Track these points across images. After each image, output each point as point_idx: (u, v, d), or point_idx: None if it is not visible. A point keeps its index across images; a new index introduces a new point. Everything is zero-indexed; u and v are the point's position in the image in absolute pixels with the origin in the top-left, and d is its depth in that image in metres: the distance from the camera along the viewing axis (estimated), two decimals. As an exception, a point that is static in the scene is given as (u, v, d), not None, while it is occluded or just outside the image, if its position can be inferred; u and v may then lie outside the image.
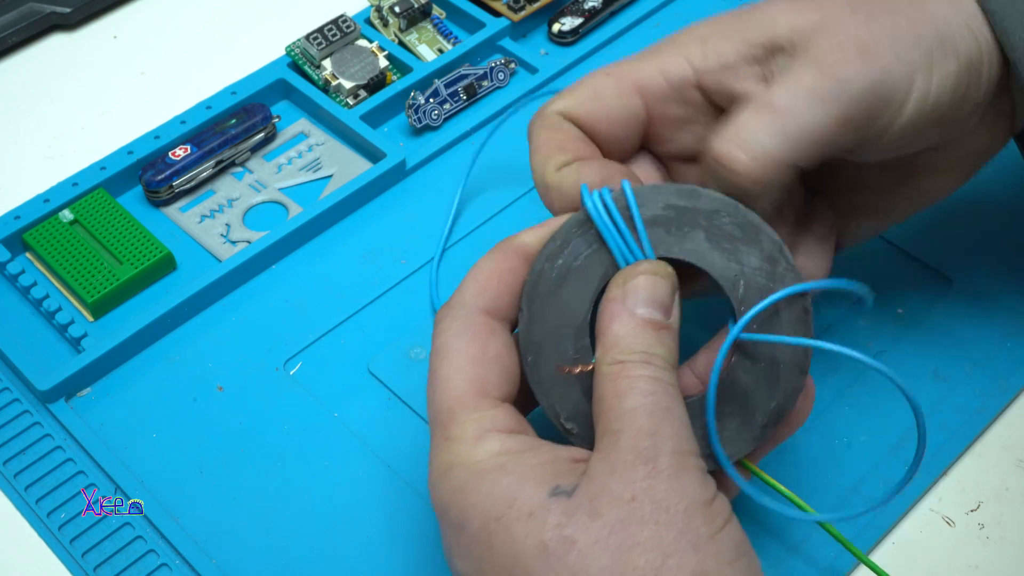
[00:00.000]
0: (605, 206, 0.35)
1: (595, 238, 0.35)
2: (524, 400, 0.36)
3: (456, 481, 0.33)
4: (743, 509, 0.35)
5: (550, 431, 0.35)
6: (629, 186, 0.35)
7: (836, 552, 0.40)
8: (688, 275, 0.36)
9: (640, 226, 0.35)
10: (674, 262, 0.35)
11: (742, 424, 0.35)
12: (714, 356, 0.35)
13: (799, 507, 0.37)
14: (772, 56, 0.36)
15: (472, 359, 0.34)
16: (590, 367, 0.35)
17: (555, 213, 0.37)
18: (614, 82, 0.38)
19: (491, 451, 0.33)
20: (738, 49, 0.37)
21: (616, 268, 0.35)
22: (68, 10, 0.60)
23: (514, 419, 0.34)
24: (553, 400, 0.35)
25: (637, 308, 0.34)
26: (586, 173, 0.36)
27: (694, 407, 0.35)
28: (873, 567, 0.39)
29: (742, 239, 0.35)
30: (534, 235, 0.36)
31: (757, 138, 0.35)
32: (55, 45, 0.61)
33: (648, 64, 0.38)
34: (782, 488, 0.37)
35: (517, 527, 0.31)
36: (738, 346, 0.35)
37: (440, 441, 0.34)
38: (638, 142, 0.39)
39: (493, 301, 0.35)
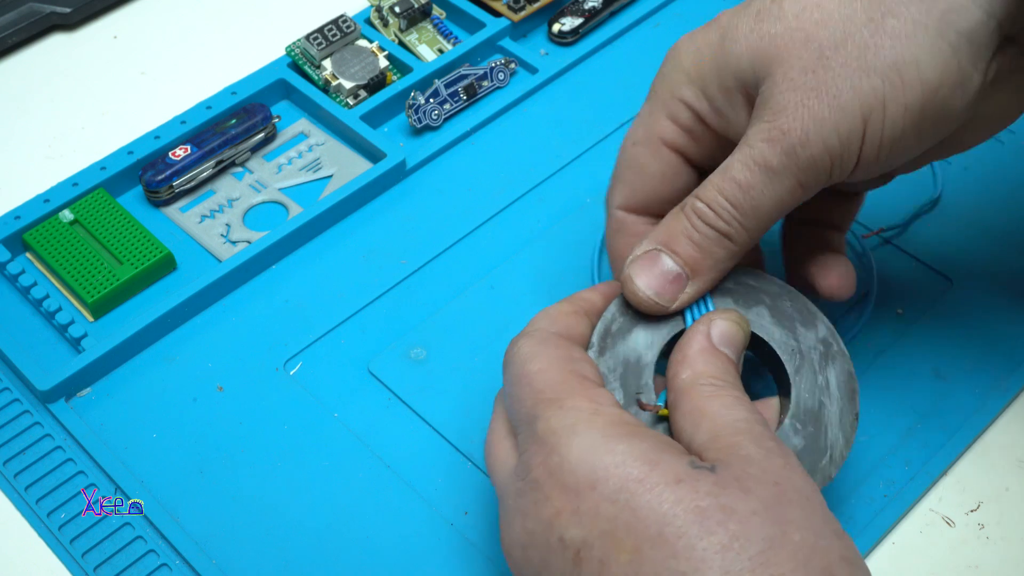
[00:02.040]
0: None
1: None
2: None
3: (585, 440, 0.32)
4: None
5: None
6: None
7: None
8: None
9: (709, 299, 0.38)
10: None
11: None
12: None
13: None
14: (748, 97, 0.37)
15: (563, 358, 0.35)
16: (656, 408, 0.36)
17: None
18: (648, 151, 0.40)
19: (614, 418, 0.33)
20: (721, 93, 0.38)
21: (684, 324, 0.38)
22: (68, 10, 0.60)
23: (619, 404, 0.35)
24: None
25: (718, 342, 0.36)
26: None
27: None
28: None
29: (800, 321, 0.39)
30: (593, 293, 0.39)
31: (727, 211, 0.37)
32: (55, 45, 0.61)
33: (661, 119, 0.39)
34: None
35: (665, 490, 0.31)
36: (794, 410, 0.38)
37: (553, 411, 0.33)
38: (694, 177, 0.40)
39: (565, 331, 0.37)
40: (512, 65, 0.56)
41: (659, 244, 0.38)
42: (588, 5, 0.59)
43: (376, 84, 0.55)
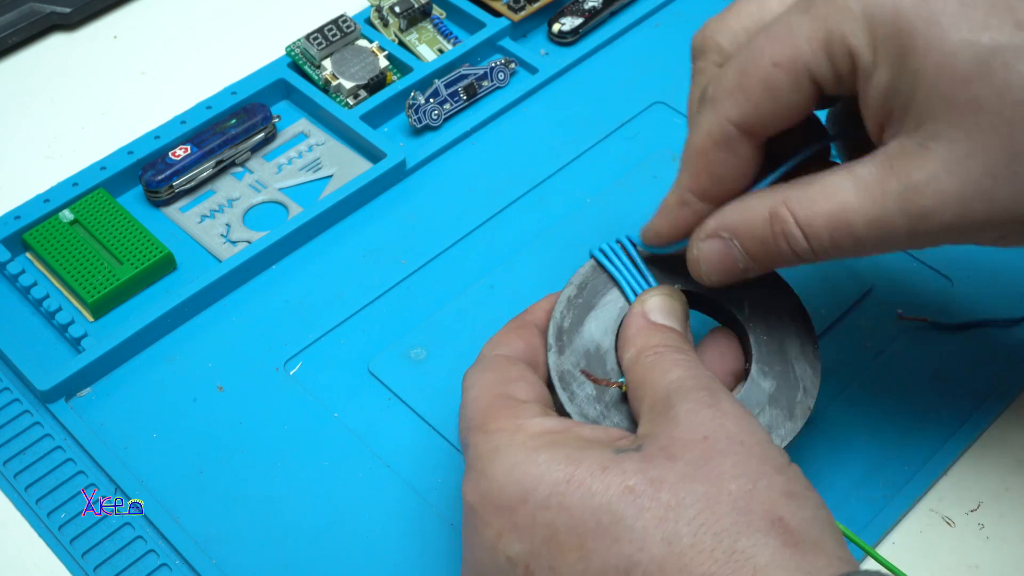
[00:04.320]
0: (612, 251, 0.40)
1: (607, 282, 0.39)
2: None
3: (507, 459, 0.32)
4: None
5: None
6: (627, 239, 0.40)
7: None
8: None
9: (643, 266, 0.39)
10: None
11: (769, 425, 0.37)
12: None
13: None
14: (902, 57, 0.32)
15: (496, 381, 0.36)
16: (617, 384, 0.37)
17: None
18: (790, 77, 0.34)
19: (536, 431, 0.33)
20: (883, 44, 0.32)
21: (628, 303, 0.39)
22: (68, 10, 0.60)
23: (548, 412, 0.35)
24: (587, 410, 0.37)
25: (657, 317, 0.37)
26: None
27: None
28: (881, 560, 0.39)
29: None
30: (536, 309, 0.39)
31: (820, 244, 0.34)
32: (55, 45, 0.61)
33: (819, 51, 0.33)
34: None
35: (593, 482, 0.31)
36: (757, 356, 0.38)
37: (479, 437, 0.34)
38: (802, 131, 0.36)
39: (508, 350, 0.38)
40: (512, 65, 0.56)
41: (734, 234, 0.35)
42: (588, 5, 0.58)
43: (376, 84, 0.55)
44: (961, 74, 0.31)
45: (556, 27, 0.58)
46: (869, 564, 0.39)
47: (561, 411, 0.37)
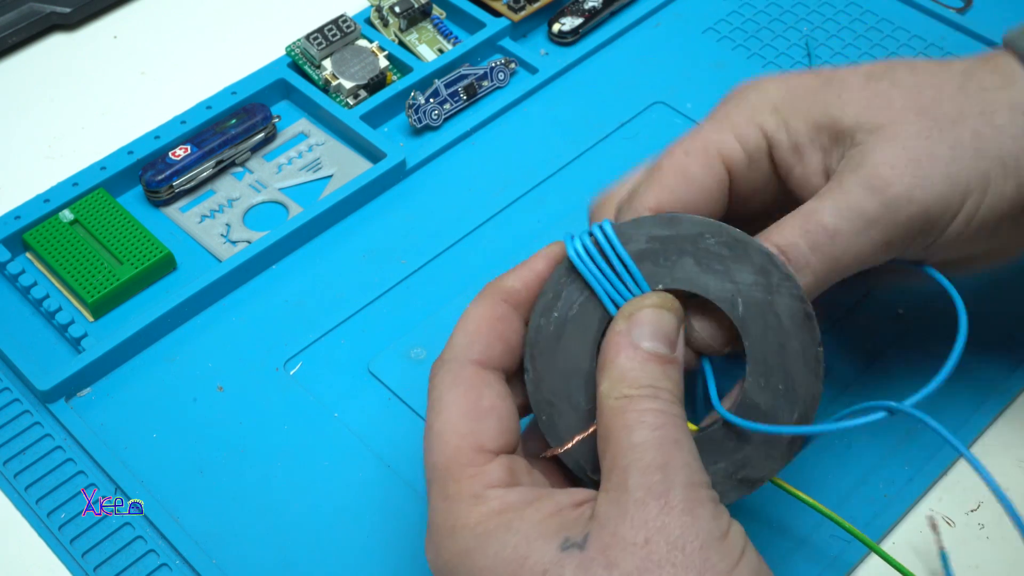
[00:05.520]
0: (587, 251, 0.35)
1: (585, 285, 0.35)
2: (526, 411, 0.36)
3: (461, 543, 0.32)
4: (747, 505, 0.35)
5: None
6: (610, 225, 0.35)
7: (841, 547, 0.40)
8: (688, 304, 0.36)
9: (631, 263, 0.35)
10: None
11: (768, 443, 0.35)
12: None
13: (831, 518, 0.37)
14: (835, 145, 0.37)
15: (465, 413, 0.34)
16: (554, 451, 0.35)
17: None
18: (699, 160, 0.37)
19: (492, 510, 0.32)
20: (807, 131, 0.37)
21: (609, 312, 0.35)
22: (68, 10, 0.60)
23: (511, 472, 0.34)
24: (577, 456, 0.35)
25: (643, 342, 0.34)
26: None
27: (710, 437, 0.35)
28: (886, 557, 0.39)
29: (731, 257, 0.35)
30: (518, 277, 0.36)
31: (804, 256, 0.35)
32: (55, 45, 0.61)
33: (727, 135, 0.38)
34: (811, 500, 0.37)
35: None
36: (752, 365, 0.35)
37: (439, 501, 0.33)
38: (724, 207, 0.38)
39: (485, 351, 0.35)
40: (512, 65, 0.56)
41: None
42: (588, 5, 0.59)
43: (376, 84, 0.55)
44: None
45: (556, 27, 0.58)
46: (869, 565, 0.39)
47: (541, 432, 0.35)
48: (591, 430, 0.34)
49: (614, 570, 0.30)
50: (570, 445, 0.34)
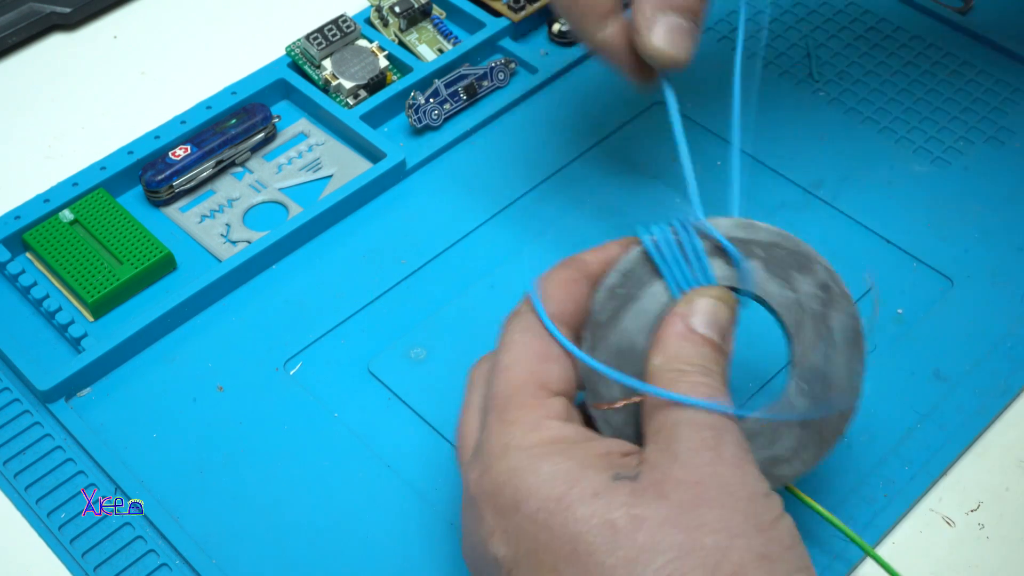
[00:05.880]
0: (664, 238, 0.37)
1: (654, 274, 0.37)
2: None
3: (513, 461, 0.33)
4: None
5: None
6: (682, 223, 0.37)
7: (841, 547, 0.40)
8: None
9: (704, 258, 0.37)
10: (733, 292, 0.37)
11: (799, 445, 0.36)
12: None
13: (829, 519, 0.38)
14: None
15: (535, 354, 0.35)
16: (623, 403, 0.36)
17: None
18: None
19: (550, 436, 0.33)
20: None
21: (673, 302, 0.36)
22: (68, 10, 0.60)
23: (570, 411, 0.35)
24: (619, 424, 0.36)
25: (699, 326, 0.35)
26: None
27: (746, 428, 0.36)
28: (880, 561, 0.39)
29: (796, 267, 0.37)
30: (594, 256, 0.38)
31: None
32: (55, 45, 0.61)
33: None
34: (822, 509, 0.38)
35: (580, 507, 0.31)
36: (799, 370, 0.36)
37: (496, 424, 0.34)
38: None
39: (558, 307, 0.36)
40: (512, 65, 0.56)
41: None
42: (588, 5, 0.58)
43: (376, 84, 0.55)
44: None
45: (556, 27, 0.58)
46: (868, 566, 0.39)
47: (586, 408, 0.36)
48: (641, 398, 0.35)
49: (665, 500, 0.31)
50: (620, 404, 0.36)
